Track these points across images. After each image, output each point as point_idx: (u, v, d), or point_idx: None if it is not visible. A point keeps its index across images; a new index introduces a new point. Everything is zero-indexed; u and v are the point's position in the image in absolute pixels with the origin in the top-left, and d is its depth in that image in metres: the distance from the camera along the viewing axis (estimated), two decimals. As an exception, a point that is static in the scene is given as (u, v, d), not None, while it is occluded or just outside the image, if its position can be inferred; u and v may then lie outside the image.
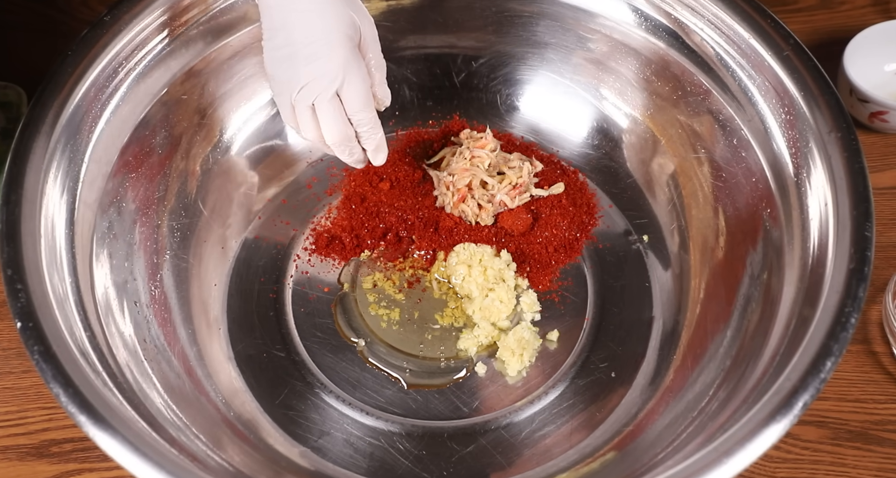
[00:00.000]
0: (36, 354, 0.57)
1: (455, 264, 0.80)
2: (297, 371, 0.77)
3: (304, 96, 0.69)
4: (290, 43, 0.68)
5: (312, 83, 0.68)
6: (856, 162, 0.66)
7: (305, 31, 0.68)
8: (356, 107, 0.71)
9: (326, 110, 0.70)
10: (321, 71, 0.68)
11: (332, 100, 0.70)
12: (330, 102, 0.70)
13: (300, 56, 0.68)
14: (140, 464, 0.54)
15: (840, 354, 0.58)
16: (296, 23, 0.68)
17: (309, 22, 0.68)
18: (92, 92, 0.72)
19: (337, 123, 0.71)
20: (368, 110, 0.72)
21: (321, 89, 0.69)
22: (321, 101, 0.69)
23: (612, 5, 0.83)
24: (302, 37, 0.68)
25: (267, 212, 0.86)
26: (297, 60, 0.68)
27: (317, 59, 0.68)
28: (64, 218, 0.68)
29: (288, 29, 0.68)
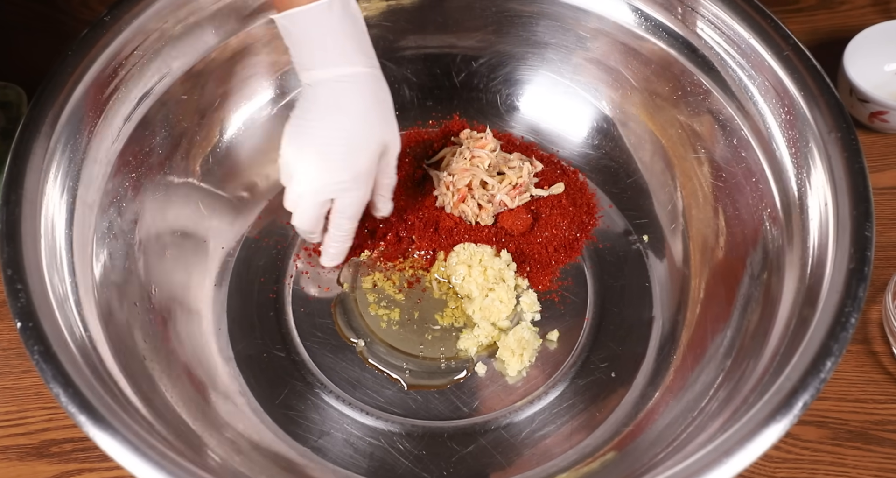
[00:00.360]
0: (36, 354, 0.57)
1: (455, 264, 0.80)
2: (297, 371, 0.77)
3: (303, 185, 0.72)
4: (317, 134, 0.70)
5: (316, 180, 0.71)
6: (856, 162, 0.66)
7: (338, 132, 0.70)
8: (343, 215, 0.75)
9: (311, 206, 0.73)
10: (330, 176, 0.71)
11: (324, 203, 0.73)
12: (320, 203, 0.73)
13: (320, 150, 0.71)
14: (140, 464, 0.54)
15: (840, 355, 0.58)
16: (334, 121, 0.70)
17: (345, 126, 0.71)
18: (92, 92, 0.72)
19: (311, 219, 0.74)
20: (351, 222, 0.76)
21: (319, 189, 0.72)
22: (312, 198, 0.72)
23: (612, 5, 0.83)
24: (332, 135, 0.70)
25: (267, 212, 0.86)
26: (314, 152, 0.71)
27: (333, 161, 0.71)
28: (64, 218, 0.68)
29: (325, 121, 0.70)
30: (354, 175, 0.72)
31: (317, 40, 0.68)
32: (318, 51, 0.69)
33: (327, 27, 0.68)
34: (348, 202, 0.73)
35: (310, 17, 0.67)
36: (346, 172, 0.71)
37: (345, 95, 0.70)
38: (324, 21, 0.67)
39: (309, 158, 0.71)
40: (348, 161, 0.71)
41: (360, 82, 0.70)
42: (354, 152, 0.71)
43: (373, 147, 0.71)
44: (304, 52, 0.70)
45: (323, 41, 0.68)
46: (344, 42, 0.69)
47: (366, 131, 0.71)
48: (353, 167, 0.71)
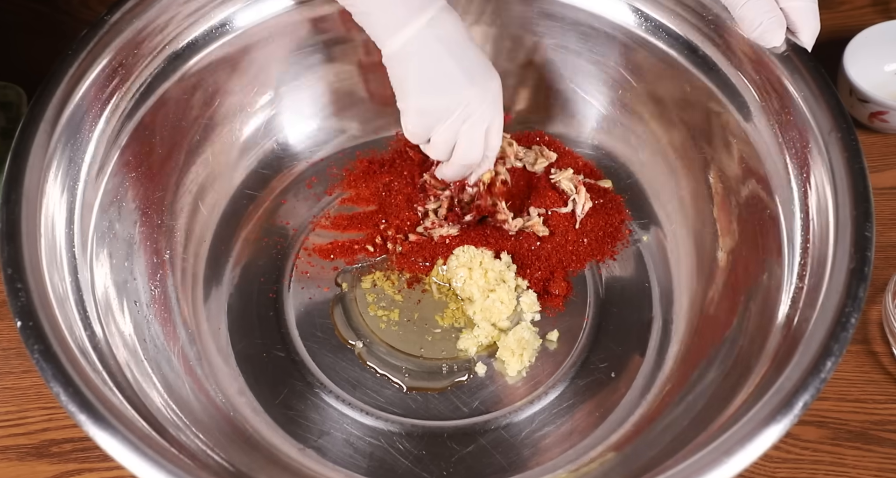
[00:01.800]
0: (36, 354, 0.57)
1: (455, 267, 0.80)
2: (297, 371, 0.77)
3: (463, 114, 0.72)
4: (445, 68, 0.70)
5: (468, 104, 0.71)
6: (856, 162, 0.66)
7: (468, 58, 0.71)
8: (497, 136, 0.75)
9: (478, 131, 0.73)
10: (482, 94, 0.71)
11: (480, 122, 0.73)
12: (479, 124, 0.73)
13: (458, 78, 0.70)
14: (140, 463, 0.54)
15: (840, 354, 0.58)
16: (452, 54, 0.71)
17: (469, 53, 0.71)
18: (92, 92, 0.72)
19: (479, 144, 0.74)
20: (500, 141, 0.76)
21: (479, 110, 0.72)
22: (477, 122, 0.72)
23: (612, 5, 0.83)
24: (461, 63, 0.71)
25: (267, 212, 0.86)
26: (453, 83, 0.70)
27: (475, 82, 0.71)
28: (64, 217, 0.68)
29: (443, 57, 0.70)
30: (499, 91, 0.73)
31: (377, 12, 0.69)
32: (381, 23, 0.69)
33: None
34: (499, 122, 0.75)
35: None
36: (494, 86, 0.73)
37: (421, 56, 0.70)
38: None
39: (460, 83, 0.71)
40: (493, 78, 0.72)
41: (430, 36, 0.70)
42: (493, 71, 0.72)
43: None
44: (374, 27, 0.70)
45: (381, 13, 0.69)
46: (399, 3, 0.69)
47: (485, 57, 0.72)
48: (497, 83, 0.73)
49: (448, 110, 0.71)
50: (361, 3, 0.69)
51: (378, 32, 0.71)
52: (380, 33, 0.70)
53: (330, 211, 0.86)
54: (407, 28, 0.69)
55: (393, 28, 0.69)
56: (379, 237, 0.84)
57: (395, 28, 0.69)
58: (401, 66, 0.71)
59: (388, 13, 0.69)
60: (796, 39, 0.70)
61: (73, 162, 0.70)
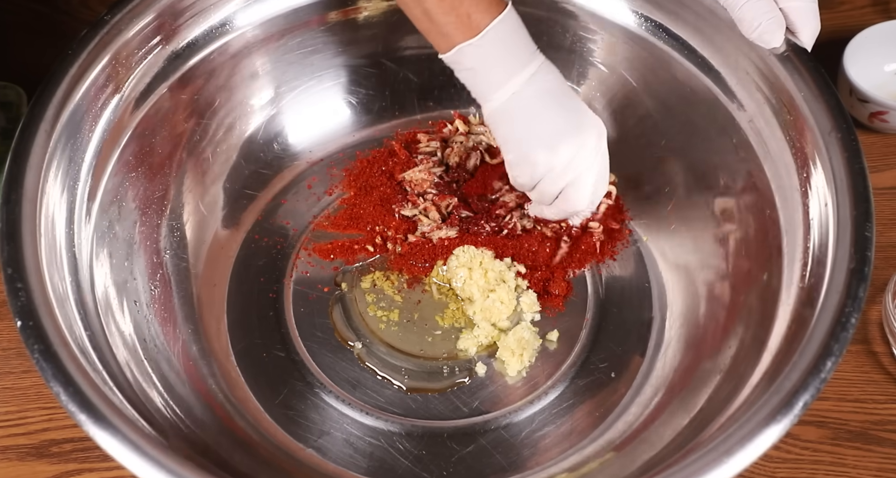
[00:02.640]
0: (36, 353, 0.57)
1: (455, 268, 0.80)
2: (297, 371, 0.77)
3: (571, 166, 0.71)
4: (550, 120, 0.71)
5: (576, 154, 0.71)
6: (856, 162, 0.66)
7: (571, 108, 0.71)
8: (604, 184, 0.75)
9: (586, 182, 0.73)
10: (588, 143, 0.71)
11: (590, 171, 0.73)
12: (589, 173, 0.73)
13: (562, 128, 0.70)
14: (140, 463, 0.54)
15: (840, 354, 0.58)
16: (556, 104, 0.71)
17: (571, 103, 0.72)
18: (92, 92, 0.72)
19: (587, 194, 0.74)
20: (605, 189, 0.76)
21: (587, 159, 0.72)
22: (585, 173, 0.72)
23: (612, 6, 0.83)
24: (565, 114, 0.71)
25: (267, 212, 0.86)
26: (559, 134, 0.70)
27: (581, 132, 0.71)
28: (64, 217, 0.68)
29: (547, 109, 0.71)
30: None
31: (484, 69, 0.69)
32: (485, 78, 0.70)
33: (488, 53, 0.68)
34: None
35: (472, 49, 0.68)
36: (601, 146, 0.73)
37: (528, 109, 0.70)
38: (485, 49, 0.68)
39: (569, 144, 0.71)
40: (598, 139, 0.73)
41: (534, 90, 0.70)
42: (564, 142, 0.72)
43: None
44: (477, 83, 0.71)
45: (486, 69, 0.69)
46: (506, 56, 0.69)
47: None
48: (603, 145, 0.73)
49: (557, 162, 0.71)
50: (468, 61, 0.69)
51: (482, 89, 0.71)
52: (484, 89, 0.71)
53: (330, 211, 0.86)
54: (510, 83, 0.69)
55: (497, 84, 0.70)
56: (379, 237, 0.84)
57: (499, 84, 0.70)
58: (506, 121, 0.71)
59: (495, 69, 0.69)
60: (796, 39, 0.70)
61: (73, 162, 0.70)
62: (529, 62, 0.70)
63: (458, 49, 0.68)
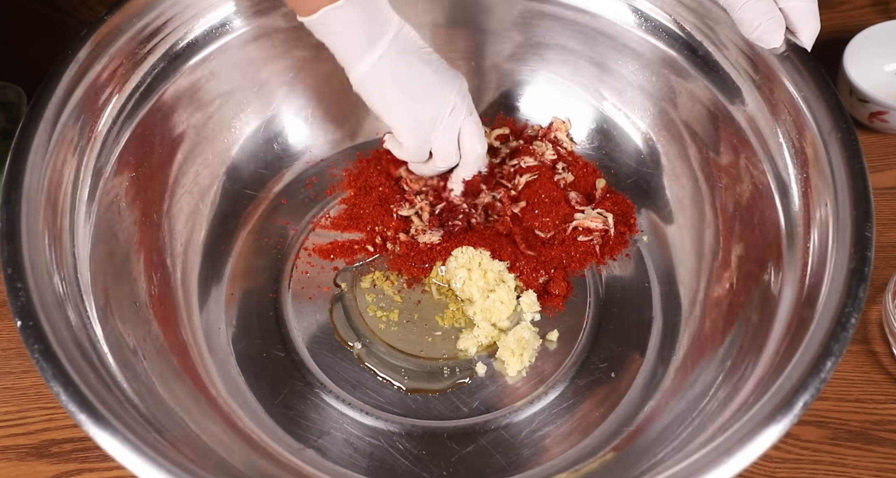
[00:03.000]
0: (36, 353, 0.57)
1: (454, 268, 0.80)
2: (296, 371, 0.77)
3: (449, 114, 0.74)
4: (422, 75, 0.73)
5: (455, 101, 0.74)
6: (856, 162, 0.66)
7: (436, 63, 0.74)
8: (480, 125, 0.78)
9: (475, 122, 0.77)
10: (460, 91, 0.75)
11: (473, 113, 0.76)
12: (473, 114, 0.76)
13: (436, 82, 0.73)
14: (140, 463, 0.54)
15: (840, 354, 0.58)
16: (423, 62, 0.74)
17: (435, 59, 0.75)
18: (92, 92, 0.72)
19: (481, 134, 0.78)
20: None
21: (465, 105, 0.75)
22: (468, 113, 0.76)
23: (612, 6, 0.83)
24: (434, 68, 0.74)
25: (267, 212, 0.86)
26: (434, 86, 0.73)
27: (452, 83, 0.74)
28: (64, 217, 0.68)
29: (416, 67, 0.73)
30: None
31: (349, 32, 0.70)
32: (351, 43, 0.70)
33: (352, 17, 0.69)
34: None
35: (339, 12, 0.68)
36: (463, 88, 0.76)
37: (398, 71, 0.72)
38: (349, 12, 0.68)
39: (439, 93, 0.74)
40: (461, 80, 0.76)
41: (397, 50, 0.71)
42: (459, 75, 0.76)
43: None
44: (344, 49, 0.71)
45: (351, 33, 0.69)
46: (369, 19, 0.70)
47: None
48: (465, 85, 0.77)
49: (439, 111, 0.73)
50: (334, 24, 0.69)
51: (349, 54, 0.71)
52: (350, 55, 0.71)
53: (330, 211, 0.86)
54: (377, 46, 0.70)
55: (364, 48, 0.70)
56: (379, 237, 0.84)
57: (365, 48, 0.70)
58: (378, 86, 0.72)
59: (359, 33, 0.70)
60: (796, 39, 0.70)
61: (73, 162, 0.70)
62: (389, 24, 0.71)
63: (323, 12, 0.68)
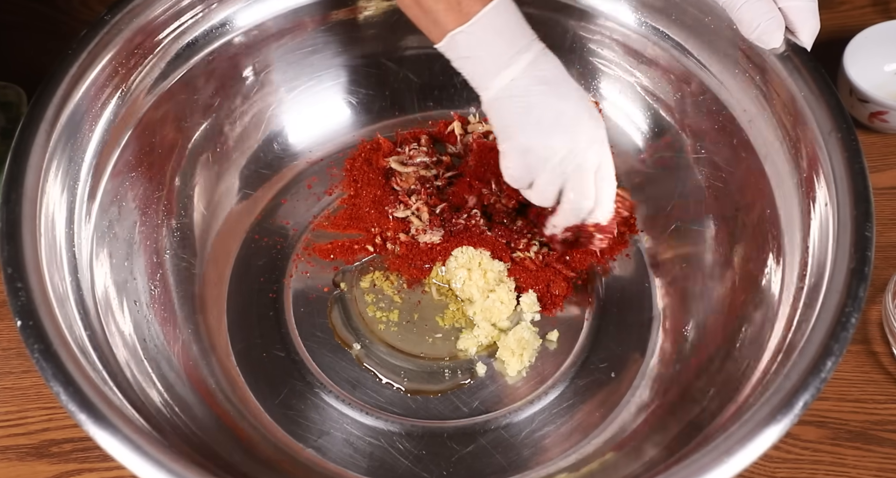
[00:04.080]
0: (36, 353, 0.57)
1: (454, 268, 0.80)
2: (296, 371, 0.77)
3: (570, 156, 0.68)
4: (550, 109, 0.68)
5: (575, 144, 0.68)
6: (856, 162, 0.66)
7: (572, 98, 0.68)
8: (610, 181, 0.71)
9: (587, 176, 0.69)
10: (588, 134, 0.68)
11: (589, 163, 0.69)
12: (588, 165, 0.69)
13: (563, 119, 0.68)
14: (140, 463, 0.54)
15: (840, 354, 0.58)
16: (555, 94, 0.68)
17: (572, 94, 0.69)
18: (92, 92, 0.72)
19: (590, 190, 0.70)
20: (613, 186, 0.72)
21: (587, 151, 0.68)
22: (581, 163, 0.68)
23: (612, 6, 0.83)
24: (565, 104, 0.68)
25: (267, 212, 0.86)
26: (559, 124, 0.68)
27: (581, 123, 0.68)
28: (64, 217, 0.68)
29: (546, 98, 0.68)
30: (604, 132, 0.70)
31: (478, 56, 0.68)
32: (481, 66, 0.68)
33: (482, 40, 0.67)
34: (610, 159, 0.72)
35: (465, 37, 0.67)
36: (601, 128, 0.69)
37: (523, 98, 0.68)
38: (478, 36, 0.67)
39: (573, 129, 0.68)
40: (597, 120, 0.69)
41: (531, 78, 0.68)
42: (596, 115, 0.70)
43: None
44: (474, 72, 0.69)
45: (481, 57, 0.67)
46: (500, 44, 0.67)
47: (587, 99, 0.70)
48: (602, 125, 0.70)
49: (553, 151, 0.68)
50: (463, 48, 0.67)
51: (479, 77, 0.69)
52: (481, 77, 0.69)
53: (330, 211, 0.86)
54: (508, 70, 0.67)
55: (494, 71, 0.68)
56: (378, 237, 0.84)
57: (496, 71, 0.68)
58: (503, 109, 0.69)
59: (491, 57, 0.67)
60: (796, 39, 0.70)
61: (73, 162, 0.70)
62: (526, 50, 0.68)
63: (450, 37, 0.67)
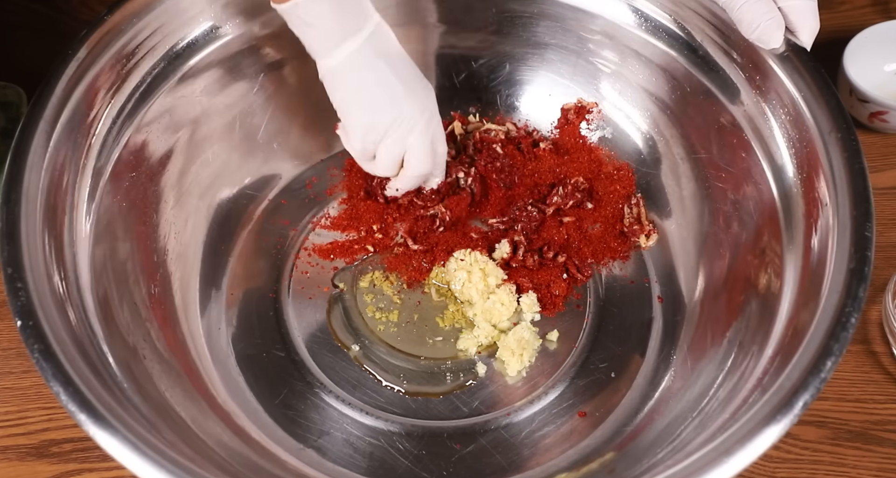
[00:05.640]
0: (36, 353, 0.57)
1: (454, 271, 0.80)
2: (296, 371, 0.77)
3: (408, 126, 0.73)
4: (388, 83, 0.71)
5: (412, 116, 0.72)
6: (856, 162, 0.66)
7: (406, 71, 0.72)
8: (443, 145, 0.77)
9: (425, 142, 0.74)
10: (423, 105, 0.73)
11: (426, 132, 0.74)
12: (426, 134, 0.74)
13: (399, 92, 0.72)
14: (140, 463, 0.54)
15: (840, 354, 0.58)
16: (392, 68, 0.72)
17: (406, 66, 0.73)
18: (92, 92, 0.72)
19: (428, 155, 0.76)
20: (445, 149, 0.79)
21: (423, 121, 0.73)
22: (420, 132, 0.73)
23: (612, 6, 0.83)
24: (401, 77, 0.72)
25: (267, 212, 0.86)
26: (396, 97, 0.72)
27: (416, 95, 0.72)
28: (64, 216, 0.68)
29: (384, 73, 0.71)
30: (434, 101, 0.75)
31: (322, 25, 0.69)
32: (323, 35, 0.69)
33: (326, 8, 0.68)
34: (440, 130, 0.77)
35: (312, 4, 0.67)
36: (429, 99, 0.74)
37: (363, 72, 0.71)
38: (324, 3, 0.67)
39: (392, 101, 0.72)
40: (427, 90, 0.74)
41: (370, 51, 0.71)
42: (426, 85, 0.74)
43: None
44: (314, 39, 0.70)
45: (324, 25, 0.69)
46: (344, 14, 0.69)
47: (418, 72, 0.73)
48: (432, 95, 0.75)
49: (393, 124, 0.72)
50: (306, 15, 0.68)
51: (320, 45, 0.71)
52: (322, 45, 0.70)
53: (330, 211, 0.86)
54: (349, 42, 0.70)
55: (336, 42, 0.70)
56: (379, 234, 0.84)
57: (337, 42, 0.70)
58: (342, 83, 0.72)
59: (334, 26, 0.69)
60: (795, 39, 0.70)
61: (73, 162, 0.70)
62: (366, 22, 0.70)
63: (293, 2, 0.68)
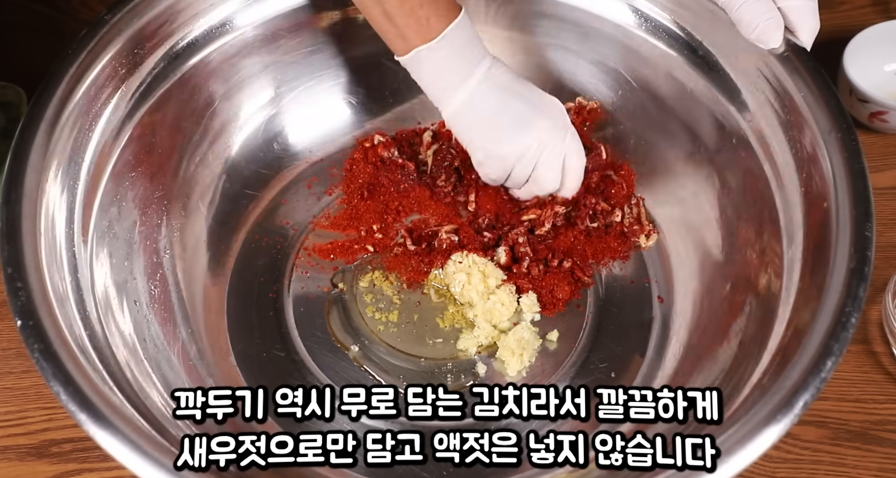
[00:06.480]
0: (36, 353, 0.57)
1: (454, 273, 0.80)
2: (296, 371, 0.77)
3: (539, 148, 0.74)
4: (509, 113, 0.73)
5: (539, 138, 0.73)
6: (856, 162, 0.66)
7: (528, 95, 0.74)
8: (578, 157, 0.78)
9: (555, 161, 0.75)
10: (552, 124, 0.74)
11: (556, 150, 0.75)
12: (555, 151, 0.75)
13: (526, 117, 0.73)
14: (140, 463, 0.54)
15: (840, 354, 0.58)
16: (513, 96, 0.73)
17: (527, 90, 0.74)
18: (92, 92, 0.72)
19: (557, 173, 0.76)
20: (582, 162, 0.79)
21: (553, 139, 0.74)
22: (554, 151, 0.75)
23: (612, 6, 0.83)
24: (525, 102, 0.73)
25: (267, 212, 0.86)
26: (519, 125, 0.73)
27: (541, 115, 0.73)
28: (64, 216, 0.68)
29: (504, 104, 0.73)
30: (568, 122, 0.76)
31: (441, 72, 0.71)
32: (443, 81, 0.71)
33: (444, 56, 0.70)
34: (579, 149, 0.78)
35: (427, 54, 0.69)
36: (565, 117, 0.76)
37: (485, 107, 0.72)
38: (442, 52, 0.69)
39: (528, 125, 0.73)
40: (561, 114, 0.76)
41: (488, 87, 0.72)
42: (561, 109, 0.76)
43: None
44: (435, 86, 0.72)
45: (443, 72, 0.71)
46: (461, 59, 0.71)
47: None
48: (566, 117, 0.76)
49: (525, 149, 0.73)
50: (426, 64, 0.70)
51: (440, 91, 0.72)
52: (442, 91, 0.72)
53: (330, 211, 0.86)
54: (466, 84, 0.71)
55: (456, 85, 0.71)
56: (379, 234, 0.84)
57: (457, 84, 0.71)
58: (467, 122, 0.73)
59: (452, 72, 0.71)
60: (795, 39, 0.70)
61: (73, 162, 0.70)
62: (481, 61, 0.71)
63: (415, 52, 0.69)
